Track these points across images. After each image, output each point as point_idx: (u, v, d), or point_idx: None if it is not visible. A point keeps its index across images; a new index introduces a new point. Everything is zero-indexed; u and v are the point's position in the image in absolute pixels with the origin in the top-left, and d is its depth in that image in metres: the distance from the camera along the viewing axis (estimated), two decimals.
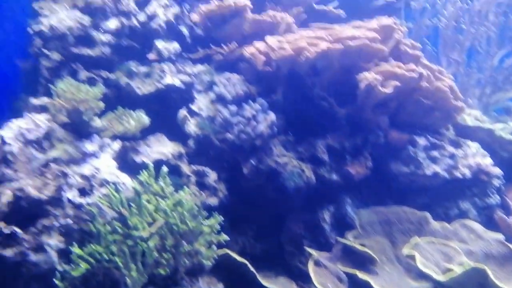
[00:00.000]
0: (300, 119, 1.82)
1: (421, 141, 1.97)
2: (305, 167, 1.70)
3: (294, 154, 1.74)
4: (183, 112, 1.67)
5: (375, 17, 2.43)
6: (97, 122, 1.46)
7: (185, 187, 1.39)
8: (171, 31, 1.84)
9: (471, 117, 2.52)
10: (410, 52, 1.95)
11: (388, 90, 1.74)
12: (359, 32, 1.81)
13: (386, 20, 2.27)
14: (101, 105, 1.43)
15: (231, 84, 1.67)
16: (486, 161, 2.03)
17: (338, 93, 1.86)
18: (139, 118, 1.54)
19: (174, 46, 1.79)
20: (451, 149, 2.01)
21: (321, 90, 1.82)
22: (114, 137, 1.51)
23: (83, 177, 1.35)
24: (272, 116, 1.63)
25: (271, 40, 1.77)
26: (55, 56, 1.66)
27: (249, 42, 1.87)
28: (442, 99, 1.93)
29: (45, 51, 1.67)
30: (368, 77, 1.73)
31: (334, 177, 1.77)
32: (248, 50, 1.76)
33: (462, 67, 3.04)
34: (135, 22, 1.73)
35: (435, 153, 1.97)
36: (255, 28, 1.93)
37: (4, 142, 1.30)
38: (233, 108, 1.61)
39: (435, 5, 2.95)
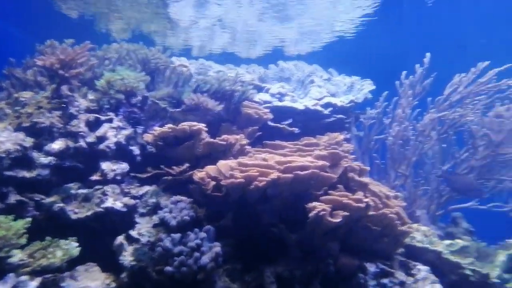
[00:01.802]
0: (250, 245, 1.78)
1: (371, 267, 1.95)
2: None
3: (240, 285, 1.66)
4: (120, 239, 1.58)
5: (327, 133, 2.58)
6: (16, 258, 1.34)
7: None
8: (120, 152, 1.82)
9: (420, 233, 2.58)
10: (357, 179, 2.02)
11: (337, 220, 1.76)
12: (309, 160, 1.87)
13: (336, 137, 2.40)
14: (23, 240, 1.33)
15: (177, 208, 1.63)
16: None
17: (289, 219, 1.85)
18: (67, 249, 1.43)
19: (122, 166, 1.76)
20: (401, 275, 2.00)
21: (271, 217, 1.81)
22: (36, 272, 1.38)
23: None
24: (217, 248, 1.57)
25: (223, 166, 1.79)
26: None
27: (202, 162, 1.88)
28: (389, 225, 1.96)
29: None
30: (317, 207, 1.75)
31: None
32: (198, 175, 1.76)
33: (409, 179, 3.20)
34: (82, 143, 1.71)
35: (385, 281, 1.95)
36: (209, 149, 1.96)
37: None
38: (176, 236, 1.54)
39: (382, 122, 3.18)
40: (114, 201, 1.62)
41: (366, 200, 1.85)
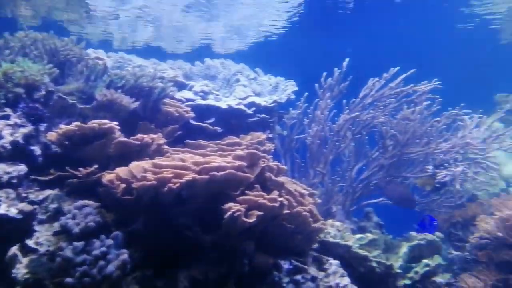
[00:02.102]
0: (163, 250, 1.72)
1: (286, 265, 2.01)
2: None
3: None
4: (13, 250, 1.43)
5: (250, 132, 2.59)
6: None
7: None
8: (18, 152, 1.65)
9: (334, 228, 2.71)
10: (274, 179, 2.06)
11: (251, 220, 1.77)
12: (227, 161, 1.86)
13: (259, 136, 2.42)
14: None
15: (82, 214, 1.52)
16: (344, 281, 2.14)
17: (205, 221, 1.83)
18: None
19: (19, 168, 1.60)
20: (313, 271, 2.09)
21: (187, 219, 1.77)
22: None
23: None
24: (125, 255, 1.50)
25: (135, 167, 1.71)
26: None
27: (114, 164, 1.78)
28: (303, 223, 2.03)
29: None
30: (232, 207, 1.75)
31: None
32: (107, 177, 1.66)
33: (327, 177, 3.36)
34: None
35: (298, 277, 2.02)
36: (122, 149, 1.86)
37: None
38: (79, 244, 1.44)
39: (302, 122, 3.29)
40: (8, 208, 1.46)
41: (280, 199, 1.89)
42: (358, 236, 2.72)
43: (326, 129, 3.09)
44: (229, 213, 1.74)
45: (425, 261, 2.43)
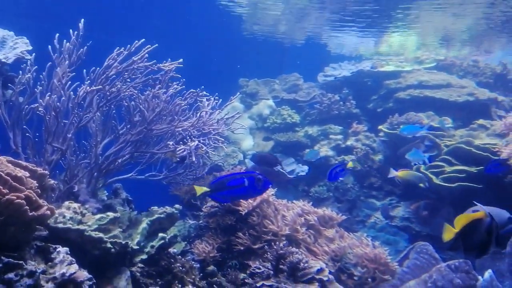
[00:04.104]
0: None
1: None
2: None
3: None
4: None
5: None
6: None
7: None
8: None
9: (70, 211, 2.47)
10: None
11: None
12: None
13: None
14: None
15: None
16: (72, 269, 1.97)
17: None
18: None
19: None
20: (32, 265, 1.82)
21: None
22: None
23: None
24: None
25: None
26: None
27: None
28: (16, 212, 1.73)
29: None
30: None
31: None
32: None
33: (69, 153, 3.03)
34: None
35: (10, 275, 1.72)
36: None
37: None
38: None
39: (35, 90, 2.81)
40: None
41: None
42: (98, 216, 2.57)
43: (63, 100, 2.74)
44: None
45: (160, 234, 2.52)
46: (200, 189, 2.42)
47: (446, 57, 6.35)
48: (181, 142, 2.89)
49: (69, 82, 2.79)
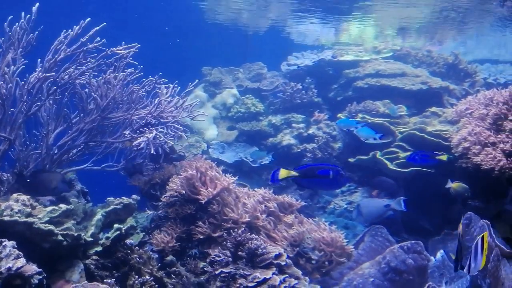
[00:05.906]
0: None
1: None
2: None
3: None
4: None
5: None
6: None
7: None
8: None
9: (19, 204, 2.36)
10: None
11: None
12: None
13: None
14: None
15: None
16: (19, 263, 1.89)
17: None
18: None
19: None
20: None
21: None
22: None
23: None
24: None
25: None
26: None
27: None
28: None
29: None
30: None
31: None
32: None
33: (18, 143, 2.89)
34: None
35: None
36: None
37: None
38: None
39: None
40: None
41: None
42: (50, 208, 2.47)
43: (10, 86, 2.59)
44: None
45: (116, 225, 2.46)
46: (287, 173, 2.41)
47: (402, 47, 6.54)
48: (138, 131, 2.81)
49: (19, 68, 2.64)
